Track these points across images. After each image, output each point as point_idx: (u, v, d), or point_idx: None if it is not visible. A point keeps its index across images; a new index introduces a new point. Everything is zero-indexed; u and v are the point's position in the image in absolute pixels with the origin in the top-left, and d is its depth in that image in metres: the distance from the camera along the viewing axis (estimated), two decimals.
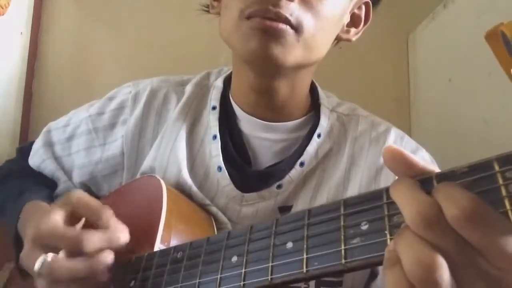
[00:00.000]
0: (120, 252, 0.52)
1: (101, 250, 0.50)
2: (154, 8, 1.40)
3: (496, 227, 0.29)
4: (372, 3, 0.74)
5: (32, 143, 0.83)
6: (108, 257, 0.50)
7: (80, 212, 0.53)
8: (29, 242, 0.52)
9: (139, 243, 0.57)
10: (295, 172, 0.70)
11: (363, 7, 0.73)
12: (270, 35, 0.59)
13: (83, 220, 0.53)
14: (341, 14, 0.68)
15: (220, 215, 0.69)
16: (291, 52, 0.61)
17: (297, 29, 0.60)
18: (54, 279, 0.49)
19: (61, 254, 0.49)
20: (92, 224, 0.52)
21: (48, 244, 0.50)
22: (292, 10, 0.59)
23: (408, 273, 0.29)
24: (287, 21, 0.59)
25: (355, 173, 0.71)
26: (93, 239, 0.49)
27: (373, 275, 0.71)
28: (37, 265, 0.49)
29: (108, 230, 0.51)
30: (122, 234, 0.52)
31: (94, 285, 0.50)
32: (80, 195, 0.54)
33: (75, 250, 0.49)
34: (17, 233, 0.65)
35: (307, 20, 0.61)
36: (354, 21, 0.73)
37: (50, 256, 0.49)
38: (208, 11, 0.77)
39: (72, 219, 0.53)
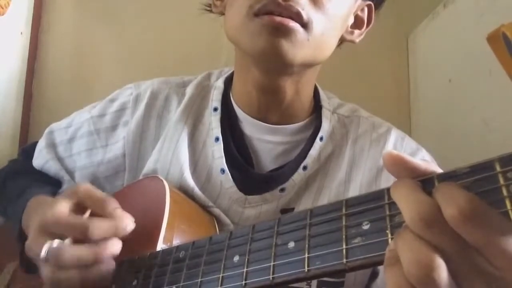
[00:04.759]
0: (123, 251, 0.53)
1: (107, 238, 0.50)
2: (155, 8, 1.40)
3: (495, 226, 0.29)
4: (374, 6, 0.74)
5: (35, 144, 0.84)
6: (116, 245, 0.51)
7: (86, 203, 0.54)
8: (35, 230, 0.52)
9: (141, 243, 0.57)
10: (298, 175, 0.70)
11: (366, 9, 0.74)
12: (280, 32, 0.59)
13: (89, 211, 0.54)
14: (347, 14, 0.69)
15: (223, 216, 0.69)
16: (301, 50, 0.61)
17: (307, 26, 0.60)
18: (60, 265, 0.49)
19: (67, 241, 0.50)
20: (98, 216, 0.53)
21: (54, 231, 0.51)
22: (303, 5, 0.59)
23: (407, 272, 0.30)
24: (298, 17, 0.59)
25: (356, 174, 0.72)
26: (99, 226, 0.50)
27: (374, 275, 0.71)
28: (43, 251, 0.49)
29: (114, 219, 0.51)
30: (128, 223, 0.52)
31: (99, 273, 0.51)
32: (87, 186, 0.55)
33: (81, 237, 0.49)
34: (21, 229, 0.65)
35: (316, 18, 0.61)
36: (357, 23, 0.73)
37: (56, 242, 0.50)
38: (210, 11, 0.77)
39: (78, 210, 0.54)
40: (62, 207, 0.52)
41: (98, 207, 0.53)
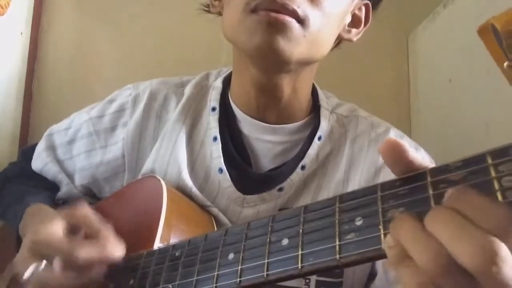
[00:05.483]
0: None
1: (93, 262, 0.50)
2: (155, 8, 1.40)
3: None
4: (371, 5, 0.74)
5: (35, 146, 0.84)
6: (99, 273, 0.51)
7: (81, 226, 0.54)
8: (25, 248, 0.52)
9: (139, 242, 0.57)
10: (296, 175, 0.70)
11: (363, 8, 0.73)
12: (276, 28, 0.58)
13: (82, 232, 0.54)
14: (344, 12, 0.69)
15: (221, 216, 0.69)
16: (297, 47, 0.60)
17: (303, 22, 0.60)
18: None
19: (55, 262, 0.49)
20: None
21: (43, 252, 0.51)
22: (299, 3, 0.59)
23: (424, 269, 0.29)
24: (294, 14, 0.59)
25: (355, 173, 0.71)
26: (86, 252, 0.49)
27: (372, 276, 0.71)
28: (27, 273, 0.50)
29: (104, 246, 0.51)
30: (117, 250, 0.52)
31: None
32: (84, 210, 0.55)
33: (68, 260, 0.49)
34: (19, 236, 0.65)
35: (313, 14, 0.61)
36: (354, 22, 0.73)
37: (42, 265, 0.50)
38: (208, 11, 0.77)
39: (72, 230, 0.53)
40: (56, 228, 0.52)
41: (92, 232, 0.53)
